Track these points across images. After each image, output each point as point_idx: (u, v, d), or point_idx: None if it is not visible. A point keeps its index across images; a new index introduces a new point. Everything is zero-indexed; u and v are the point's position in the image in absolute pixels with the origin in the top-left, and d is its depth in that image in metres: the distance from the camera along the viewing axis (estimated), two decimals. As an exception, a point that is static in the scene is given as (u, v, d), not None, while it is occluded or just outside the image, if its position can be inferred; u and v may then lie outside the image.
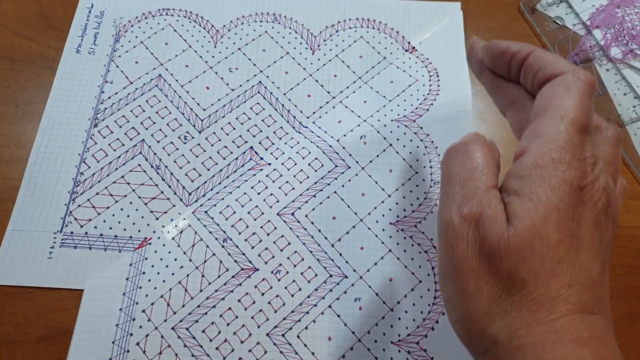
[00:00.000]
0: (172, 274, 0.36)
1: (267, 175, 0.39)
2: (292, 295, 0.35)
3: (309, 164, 0.40)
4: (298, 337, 0.34)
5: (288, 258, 0.37)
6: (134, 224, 0.37)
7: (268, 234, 0.37)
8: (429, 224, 0.38)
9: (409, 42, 0.45)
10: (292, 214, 0.38)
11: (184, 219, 0.37)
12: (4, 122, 0.40)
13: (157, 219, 0.37)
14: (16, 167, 0.39)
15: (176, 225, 0.37)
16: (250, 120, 0.41)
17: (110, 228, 0.37)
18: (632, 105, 0.42)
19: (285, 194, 0.38)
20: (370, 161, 0.40)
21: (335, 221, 0.38)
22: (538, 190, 0.21)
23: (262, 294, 0.35)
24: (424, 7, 0.47)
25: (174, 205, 0.38)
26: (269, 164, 0.40)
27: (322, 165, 0.39)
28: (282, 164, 0.40)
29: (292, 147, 0.40)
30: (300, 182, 0.39)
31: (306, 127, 0.41)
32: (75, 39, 0.44)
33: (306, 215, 0.38)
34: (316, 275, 0.36)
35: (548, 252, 0.21)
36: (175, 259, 0.36)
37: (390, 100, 0.42)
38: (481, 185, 0.23)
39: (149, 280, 0.35)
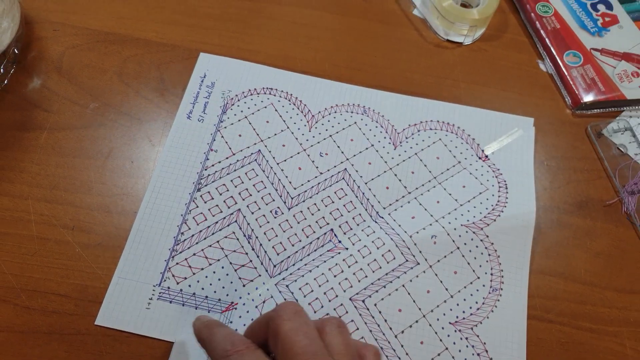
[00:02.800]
0: (253, 340, 0.40)
1: (343, 260, 0.43)
2: (356, 377, 0.39)
3: (382, 255, 0.44)
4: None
5: (355, 341, 0.41)
6: (223, 287, 0.42)
7: (340, 317, 0.41)
8: (484, 328, 0.42)
9: (482, 150, 0.49)
10: (363, 301, 0.42)
11: (268, 289, 0.42)
12: (120, 174, 0.46)
13: (244, 285, 0.42)
14: (126, 218, 0.44)
15: (260, 295, 0.42)
16: (333, 203, 0.46)
17: (203, 288, 0.42)
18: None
19: (359, 281, 0.43)
20: (438, 260, 0.44)
21: (401, 313, 0.42)
22: None
23: (329, 372, 0.39)
24: (500, 118, 0.51)
25: (259, 275, 0.43)
26: (346, 249, 0.44)
27: (394, 258, 0.44)
28: (358, 250, 0.44)
29: (368, 236, 0.45)
30: (373, 271, 0.43)
31: (382, 217, 0.46)
32: (187, 105, 0.49)
33: (375, 304, 0.42)
34: (378, 361, 0.40)
35: None
36: (257, 327, 0.40)
37: (461, 204, 0.46)
38: None
39: (232, 343, 0.40)
